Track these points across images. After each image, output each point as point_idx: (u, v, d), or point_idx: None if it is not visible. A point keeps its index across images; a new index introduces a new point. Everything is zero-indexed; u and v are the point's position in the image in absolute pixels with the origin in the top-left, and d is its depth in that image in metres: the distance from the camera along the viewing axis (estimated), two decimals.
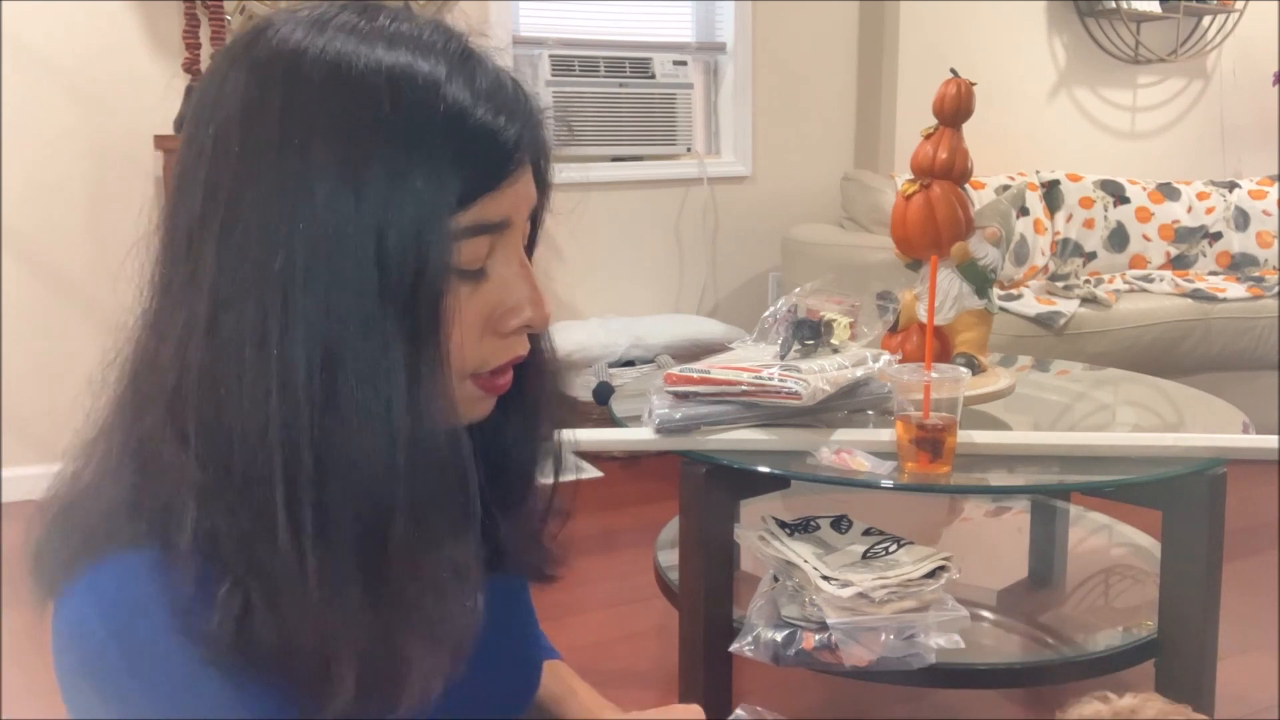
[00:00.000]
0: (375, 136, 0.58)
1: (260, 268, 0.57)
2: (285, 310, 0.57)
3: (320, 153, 0.57)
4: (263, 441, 0.57)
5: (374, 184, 0.57)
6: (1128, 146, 4.15)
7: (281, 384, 0.57)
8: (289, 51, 0.59)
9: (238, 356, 0.57)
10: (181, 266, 0.60)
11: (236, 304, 0.57)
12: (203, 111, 0.61)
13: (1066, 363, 2.26)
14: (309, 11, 0.62)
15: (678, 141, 3.53)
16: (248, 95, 0.59)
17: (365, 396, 0.58)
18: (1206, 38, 4.15)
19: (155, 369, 0.60)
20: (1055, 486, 1.81)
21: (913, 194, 1.68)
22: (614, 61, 3.40)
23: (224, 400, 0.57)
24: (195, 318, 0.58)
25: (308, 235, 0.57)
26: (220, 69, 0.61)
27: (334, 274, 0.57)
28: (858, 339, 1.60)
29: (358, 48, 0.59)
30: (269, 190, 0.57)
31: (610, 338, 3.19)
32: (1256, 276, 3.51)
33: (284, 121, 0.58)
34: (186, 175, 0.61)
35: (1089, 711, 0.74)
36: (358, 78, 0.58)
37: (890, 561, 1.41)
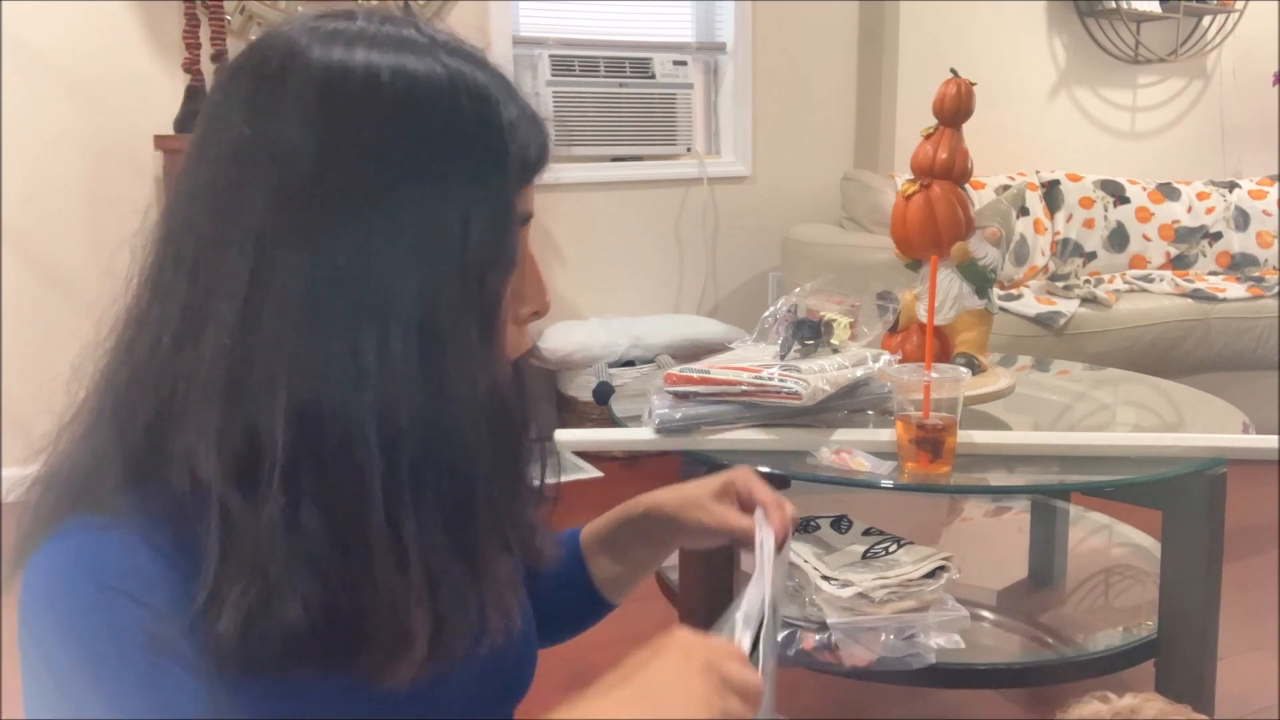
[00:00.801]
0: (451, 139, 0.63)
1: (360, 264, 0.60)
2: (384, 301, 0.61)
3: (405, 156, 0.61)
4: (359, 417, 0.60)
5: (456, 182, 0.63)
6: (1128, 146, 4.15)
7: (381, 367, 0.61)
8: (353, 68, 0.62)
9: (332, 347, 0.60)
10: (234, 265, 0.60)
11: (332, 297, 0.60)
12: (253, 124, 0.61)
13: (1066, 363, 2.26)
14: (333, 24, 0.64)
15: (678, 141, 3.53)
16: (319, 112, 0.61)
17: (458, 375, 0.63)
18: (1206, 38, 4.15)
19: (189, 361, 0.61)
20: (1055, 486, 1.81)
21: (913, 194, 1.68)
22: (614, 61, 3.40)
23: (318, 386, 0.60)
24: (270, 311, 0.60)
25: (401, 232, 0.61)
26: (257, 89, 0.62)
27: (428, 265, 0.62)
28: (858, 339, 1.59)
29: (419, 61, 0.63)
30: (359, 195, 0.61)
31: (610, 338, 3.19)
32: (1256, 276, 3.51)
33: (367, 134, 0.61)
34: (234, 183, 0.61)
35: (1089, 711, 0.74)
36: (430, 90, 0.63)
37: (890, 561, 1.41)
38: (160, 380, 0.62)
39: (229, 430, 0.60)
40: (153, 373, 0.63)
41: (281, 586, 0.60)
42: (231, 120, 0.62)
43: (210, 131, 0.63)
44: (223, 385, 0.60)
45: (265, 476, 0.60)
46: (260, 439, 0.60)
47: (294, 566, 0.60)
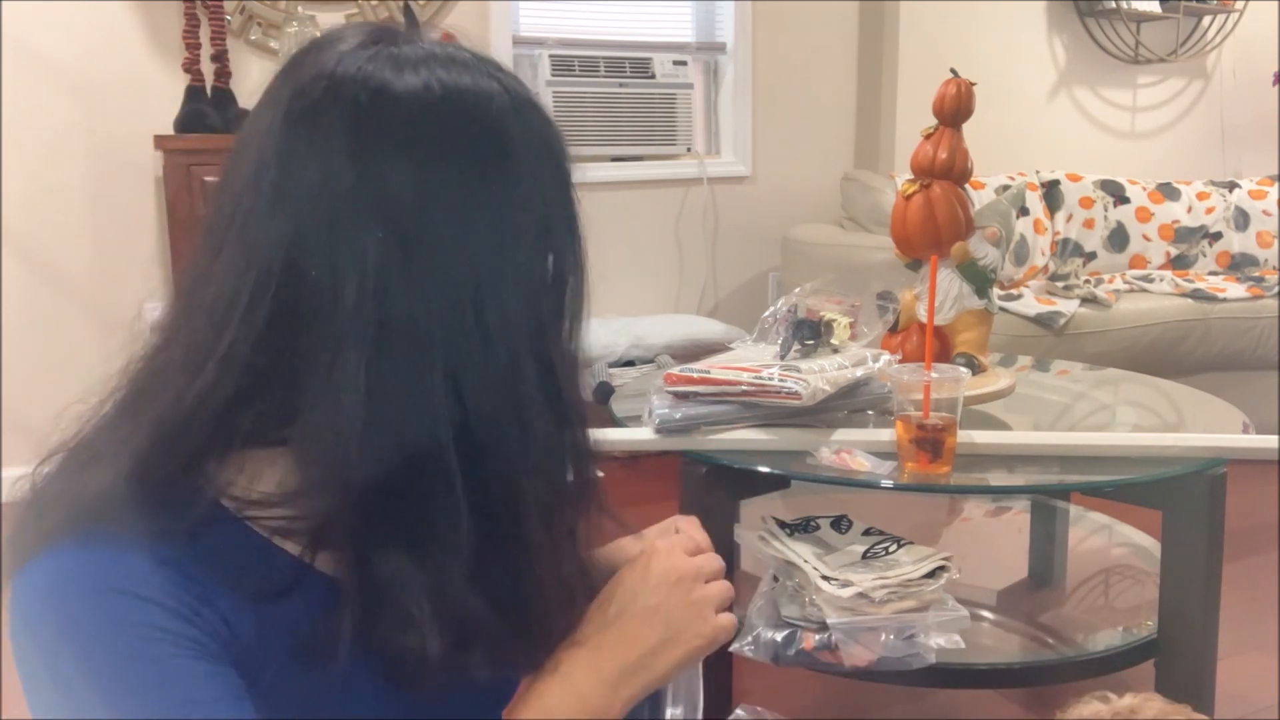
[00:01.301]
0: (529, 155, 0.67)
1: (473, 288, 0.63)
2: (505, 322, 0.64)
3: (496, 175, 0.65)
4: (499, 442, 0.64)
5: (539, 194, 0.67)
6: (1128, 146, 4.15)
7: (515, 387, 0.65)
8: (435, 94, 0.64)
9: (470, 371, 0.63)
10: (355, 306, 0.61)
11: (460, 323, 0.63)
12: (356, 165, 0.62)
13: (1066, 363, 2.26)
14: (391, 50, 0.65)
15: (678, 141, 3.53)
16: (418, 144, 0.63)
17: (568, 387, 0.68)
18: (1206, 38, 4.15)
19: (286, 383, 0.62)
20: (1055, 486, 1.81)
21: (913, 194, 1.68)
22: (614, 61, 3.40)
23: (465, 410, 0.63)
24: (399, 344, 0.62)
25: (506, 250, 0.65)
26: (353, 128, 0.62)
27: (531, 279, 0.66)
28: (858, 339, 1.59)
29: (477, 79, 0.66)
30: (467, 221, 0.63)
31: (610, 338, 3.19)
32: (1256, 276, 3.51)
33: (463, 157, 0.64)
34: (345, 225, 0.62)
35: (1089, 711, 0.74)
36: (500, 108, 0.65)
37: (890, 561, 1.41)
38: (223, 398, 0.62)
39: (383, 453, 0.62)
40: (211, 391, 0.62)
41: (465, 596, 0.64)
42: (324, 158, 0.62)
43: (294, 167, 0.63)
44: (367, 410, 0.61)
45: (437, 494, 0.63)
46: (424, 460, 0.63)
47: (468, 575, 0.65)
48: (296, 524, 0.64)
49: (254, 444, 0.65)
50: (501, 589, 0.67)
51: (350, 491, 0.62)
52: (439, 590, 0.63)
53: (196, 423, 0.62)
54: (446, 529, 0.63)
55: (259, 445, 0.65)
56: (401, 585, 0.63)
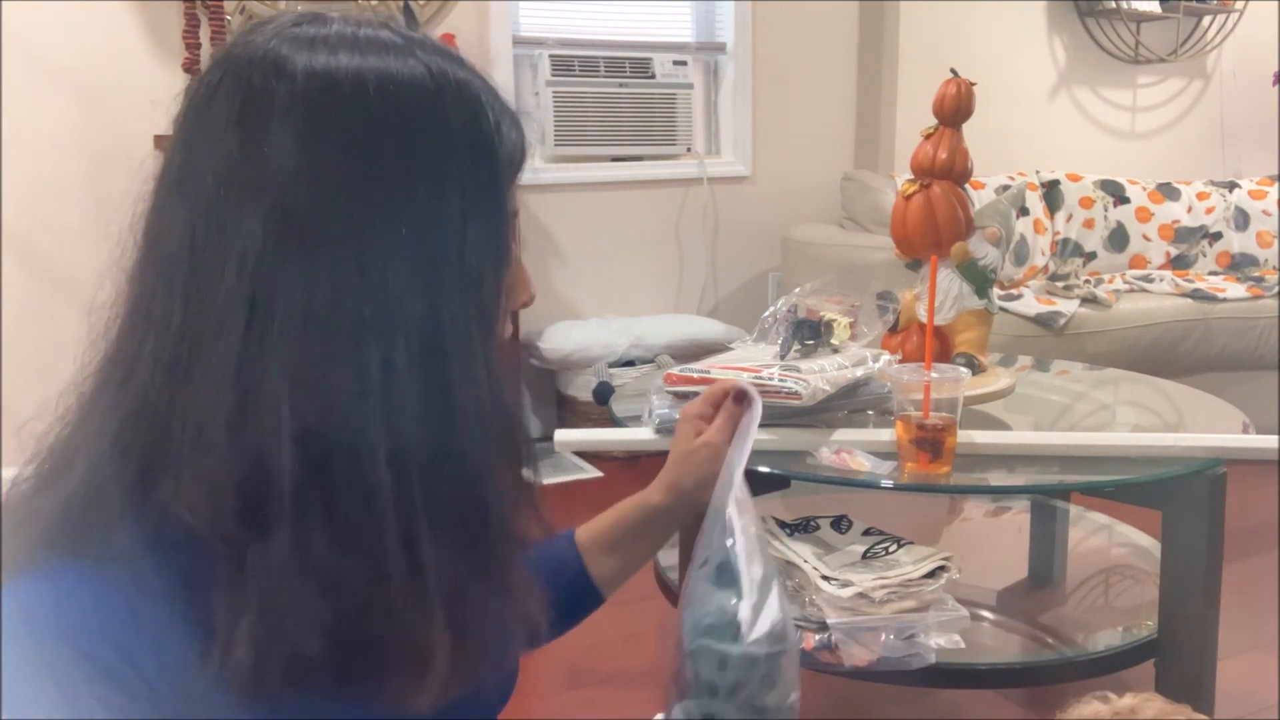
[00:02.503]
0: (443, 143, 0.62)
1: (359, 279, 0.59)
2: (386, 313, 0.60)
3: (398, 165, 0.61)
4: (368, 437, 0.59)
5: (451, 186, 0.62)
6: (1128, 146, 4.15)
7: (387, 382, 0.60)
8: (339, 77, 0.61)
9: (336, 366, 0.59)
10: (231, 290, 0.59)
11: (333, 315, 0.59)
12: (242, 144, 0.60)
13: (1066, 363, 2.26)
14: (311, 30, 0.62)
15: (678, 141, 3.53)
16: (309, 126, 0.60)
17: (464, 382, 0.62)
18: (1206, 38, 4.15)
19: (187, 392, 0.59)
20: (1055, 486, 1.81)
21: (913, 194, 1.68)
22: (614, 61, 3.40)
23: (323, 407, 0.59)
24: (271, 334, 0.59)
25: (400, 242, 0.60)
26: (243, 106, 0.60)
27: (428, 273, 0.61)
28: (858, 339, 1.59)
29: (401, 64, 0.62)
30: (356, 209, 0.60)
31: (610, 338, 3.19)
32: (1256, 276, 3.51)
33: (359, 145, 0.60)
34: (226, 206, 0.59)
35: (1089, 711, 0.74)
36: (418, 93, 0.62)
37: (890, 561, 1.41)
38: (155, 413, 0.60)
39: (233, 459, 0.59)
40: (147, 407, 0.60)
41: (295, 616, 0.58)
42: (216, 141, 0.60)
43: (192, 153, 0.61)
44: (225, 414, 0.58)
45: (274, 504, 0.59)
46: (267, 466, 0.59)
47: (308, 594, 0.59)
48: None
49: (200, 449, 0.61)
50: (347, 617, 0.61)
51: (215, 496, 0.59)
52: (269, 603, 0.59)
53: (140, 427, 0.60)
54: (285, 541, 0.59)
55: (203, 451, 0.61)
56: (239, 592, 0.59)
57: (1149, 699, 0.74)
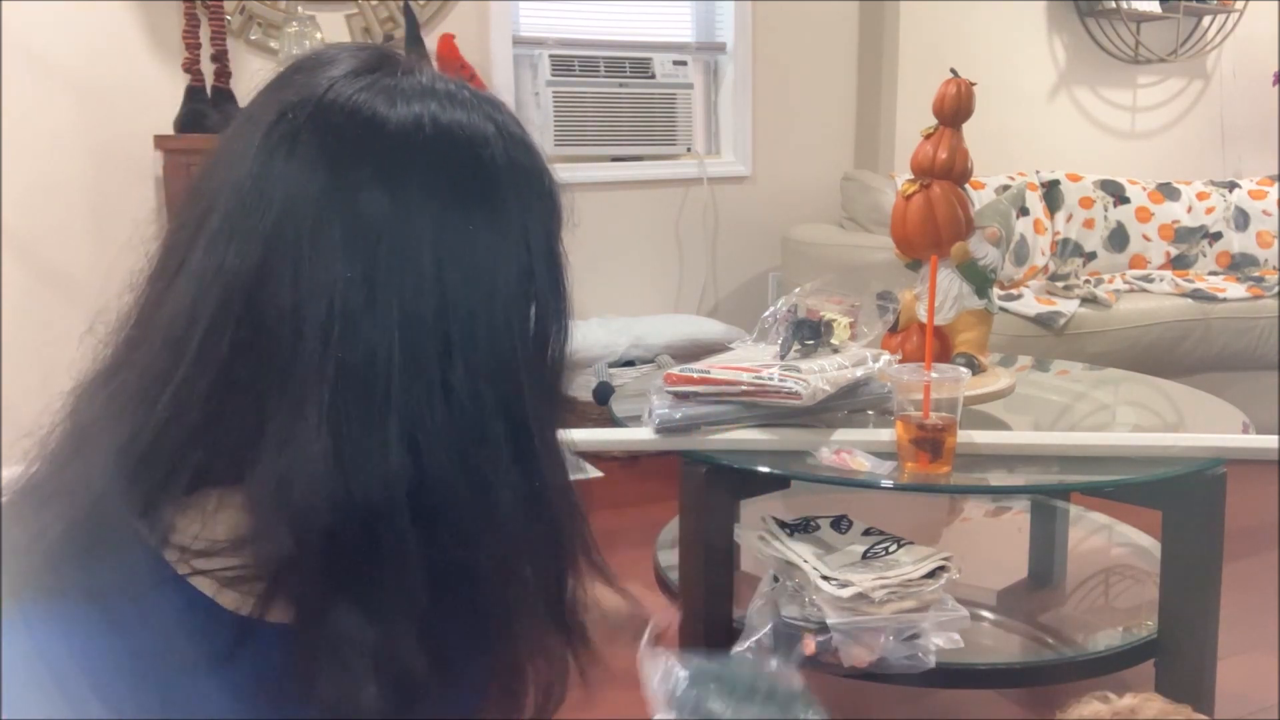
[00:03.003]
0: (515, 193, 0.65)
1: (441, 320, 0.60)
2: (466, 358, 0.61)
3: (476, 209, 0.62)
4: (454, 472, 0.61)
5: (522, 235, 0.65)
6: (1128, 146, 4.15)
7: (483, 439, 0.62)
8: (429, 127, 0.62)
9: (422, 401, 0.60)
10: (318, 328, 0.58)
11: (413, 360, 0.60)
12: (335, 187, 0.60)
13: (1066, 363, 2.26)
14: (387, 81, 0.63)
15: (678, 141, 3.53)
16: (397, 173, 0.60)
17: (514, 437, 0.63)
18: (1206, 38, 4.15)
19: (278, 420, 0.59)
20: (1055, 486, 1.81)
21: (913, 194, 1.68)
22: (614, 61, 3.40)
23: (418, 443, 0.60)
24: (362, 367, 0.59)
25: (476, 286, 0.62)
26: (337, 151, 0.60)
27: (501, 322, 0.63)
28: (858, 339, 1.59)
29: (470, 115, 0.64)
30: (438, 249, 0.61)
31: (610, 338, 3.19)
32: (1256, 276, 3.51)
33: (442, 192, 0.61)
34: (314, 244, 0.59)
35: (1089, 711, 0.74)
36: (489, 145, 0.63)
37: (890, 561, 1.41)
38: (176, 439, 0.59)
39: (337, 502, 0.58)
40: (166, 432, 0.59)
41: (408, 654, 0.60)
42: (302, 184, 0.60)
43: (270, 190, 0.60)
44: (326, 457, 0.58)
45: (387, 548, 0.59)
46: (378, 511, 0.59)
47: (414, 632, 0.61)
48: (247, 573, 0.59)
49: (207, 484, 0.60)
50: (455, 649, 0.63)
51: (304, 539, 0.58)
52: (383, 647, 0.60)
53: (153, 461, 0.59)
54: (395, 585, 0.60)
55: (213, 485, 0.60)
56: (345, 639, 0.59)
57: (1149, 699, 0.74)
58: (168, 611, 0.59)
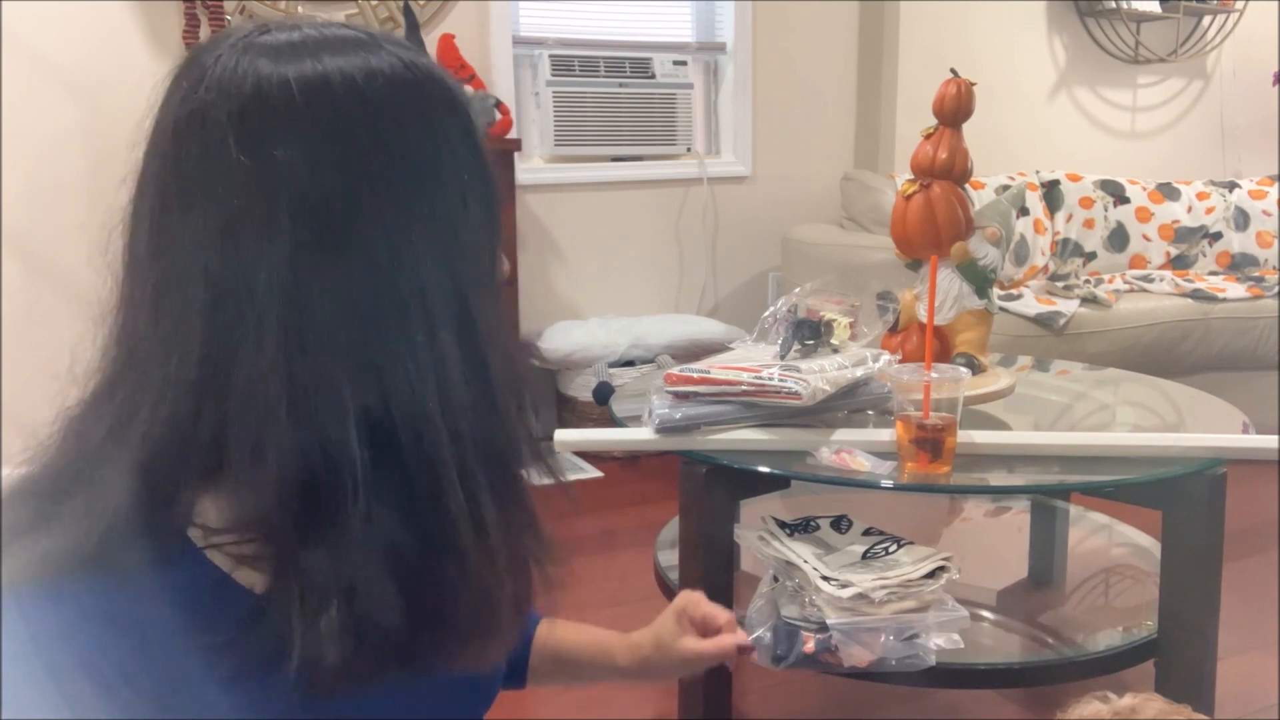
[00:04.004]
0: (433, 127, 0.65)
1: (391, 264, 0.62)
2: (422, 293, 0.63)
3: (399, 151, 0.63)
4: (427, 410, 0.62)
5: (448, 167, 0.65)
6: (1128, 146, 4.15)
7: (435, 358, 0.63)
8: (330, 78, 0.62)
9: (389, 349, 0.62)
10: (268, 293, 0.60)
11: (376, 302, 0.62)
12: (252, 154, 0.60)
13: (1066, 363, 2.26)
14: (284, 37, 0.64)
15: (678, 141, 3.53)
16: (315, 127, 0.61)
17: (495, 351, 0.66)
18: (1206, 38, 4.15)
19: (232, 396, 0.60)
20: (1055, 486, 1.81)
21: (913, 194, 1.68)
22: (614, 61, 3.40)
23: (382, 390, 0.62)
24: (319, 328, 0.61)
25: (416, 223, 0.63)
26: (241, 118, 0.61)
27: (447, 250, 0.64)
28: (858, 339, 1.59)
29: (378, 59, 0.64)
30: (373, 198, 0.62)
31: (610, 338, 3.19)
32: (1256, 276, 3.51)
33: (362, 137, 0.62)
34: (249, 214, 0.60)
35: (1089, 711, 0.74)
36: (402, 84, 0.64)
37: (890, 562, 1.41)
38: (185, 434, 0.61)
39: (296, 457, 0.60)
40: (176, 428, 0.61)
41: (380, 601, 0.61)
42: (218, 160, 0.61)
43: (191, 175, 0.62)
44: (282, 416, 0.59)
45: (344, 492, 0.60)
46: (334, 456, 0.60)
47: (387, 577, 0.61)
48: (257, 550, 0.61)
49: (219, 468, 0.62)
50: (424, 589, 0.63)
51: (282, 493, 0.60)
52: (354, 592, 0.60)
53: (172, 452, 0.61)
54: (358, 523, 0.61)
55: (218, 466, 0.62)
56: (315, 589, 0.60)
57: (1149, 699, 0.74)
58: (186, 584, 0.61)
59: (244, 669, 0.60)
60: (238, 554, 0.62)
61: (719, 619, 1.05)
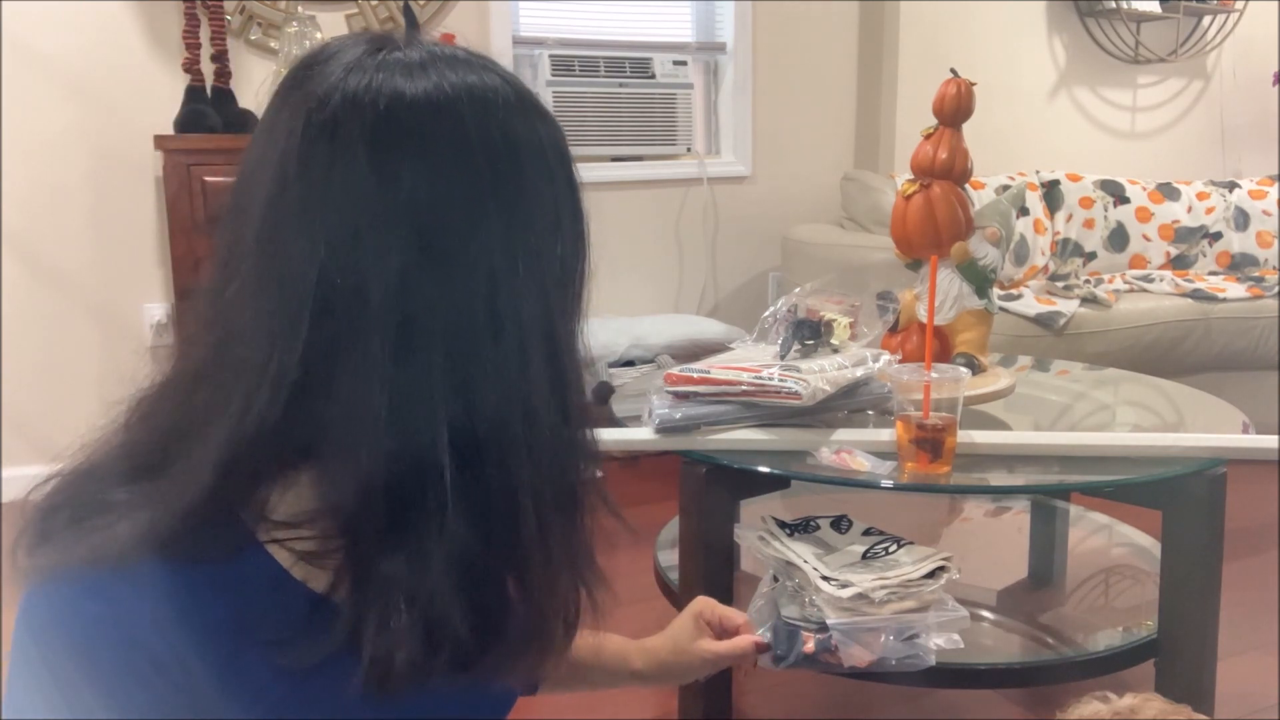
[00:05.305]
0: (538, 151, 0.67)
1: (491, 284, 0.64)
2: (516, 314, 0.64)
3: (511, 175, 0.65)
4: (511, 426, 0.64)
5: (550, 192, 0.67)
6: (1128, 146, 4.15)
7: (524, 379, 0.65)
8: (452, 93, 0.64)
9: (483, 367, 0.64)
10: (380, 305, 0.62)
11: (475, 321, 0.63)
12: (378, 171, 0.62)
13: (1066, 363, 2.26)
14: (397, 55, 0.65)
15: (678, 141, 3.53)
16: (434, 148, 0.63)
17: (575, 376, 0.69)
18: (1206, 38, 4.15)
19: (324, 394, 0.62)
20: (1055, 486, 1.81)
21: (913, 194, 1.68)
22: (614, 61, 3.40)
23: (472, 405, 0.63)
24: (422, 341, 0.62)
25: (519, 248, 0.65)
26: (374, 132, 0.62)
27: (542, 274, 0.66)
28: (858, 339, 1.59)
29: (487, 77, 0.66)
30: (484, 221, 0.64)
31: (610, 338, 3.19)
32: (1256, 276, 3.51)
33: (478, 158, 0.64)
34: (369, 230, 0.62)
35: (1089, 711, 0.74)
36: (509, 106, 0.66)
37: (890, 562, 1.41)
38: (282, 421, 0.62)
39: (390, 459, 0.61)
40: (273, 414, 0.62)
41: (448, 605, 0.62)
42: (347, 172, 0.62)
43: (316, 183, 0.63)
44: (382, 417, 0.61)
45: (429, 499, 0.62)
46: (422, 464, 0.62)
47: (456, 584, 0.63)
48: (318, 546, 0.63)
49: (292, 463, 0.64)
50: (489, 601, 0.66)
51: (369, 496, 0.61)
52: (424, 598, 0.62)
53: (259, 447, 0.62)
54: (437, 532, 0.62)
55: (302, 462, 0.64)
56: (390, 591, 0.62)
57: (1149, 699, 0.74)
58: (251, 576, 0.63)
59: (301, 665, 0.62)
60: (299, 550, 0.63)
61: (735, 620, 1.11)
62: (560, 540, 0.68)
